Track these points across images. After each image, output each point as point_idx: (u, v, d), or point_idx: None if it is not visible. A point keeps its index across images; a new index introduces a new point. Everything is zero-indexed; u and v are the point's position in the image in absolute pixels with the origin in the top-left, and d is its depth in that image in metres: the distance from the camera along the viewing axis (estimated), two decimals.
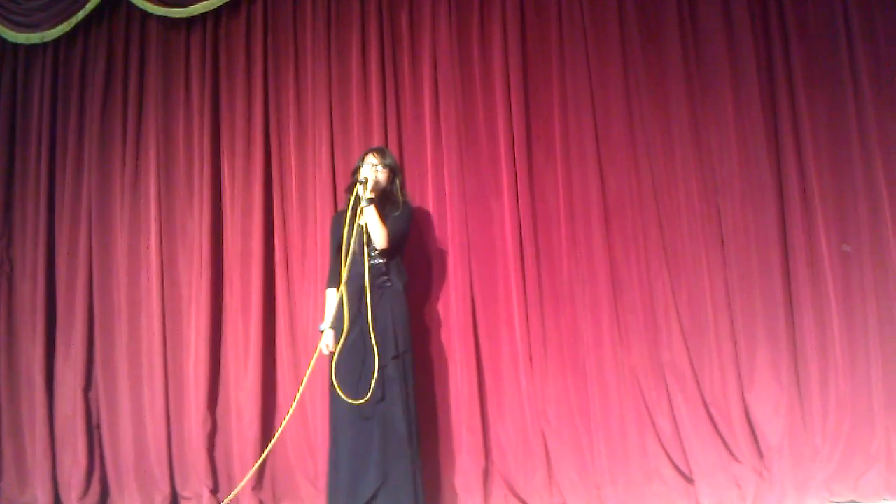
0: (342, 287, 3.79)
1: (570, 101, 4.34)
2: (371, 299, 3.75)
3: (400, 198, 3.97)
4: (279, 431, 4.09)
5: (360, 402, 3.62)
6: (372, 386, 3.62)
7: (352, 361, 3.72)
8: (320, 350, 3.88)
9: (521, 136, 4.35)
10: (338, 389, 3.65)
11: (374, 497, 3.60)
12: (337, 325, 3.81)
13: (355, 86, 4.59)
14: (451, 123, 4.43)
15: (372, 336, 3.68)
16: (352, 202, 3.83)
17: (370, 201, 3.78)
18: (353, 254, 3.80)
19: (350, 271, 3.80)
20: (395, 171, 3.99)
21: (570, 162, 4.31)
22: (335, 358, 3.74)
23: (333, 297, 3.90)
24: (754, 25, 4.15)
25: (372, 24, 4.61)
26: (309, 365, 3.92)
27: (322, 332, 3.89)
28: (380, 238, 3.78)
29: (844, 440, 3.79)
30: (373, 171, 3.86)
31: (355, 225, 3.82)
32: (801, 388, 3.91)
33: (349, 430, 3.69)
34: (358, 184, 3.82)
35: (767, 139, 4.07)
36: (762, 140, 4.06)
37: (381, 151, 4.00)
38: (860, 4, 4.03)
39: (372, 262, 3.83)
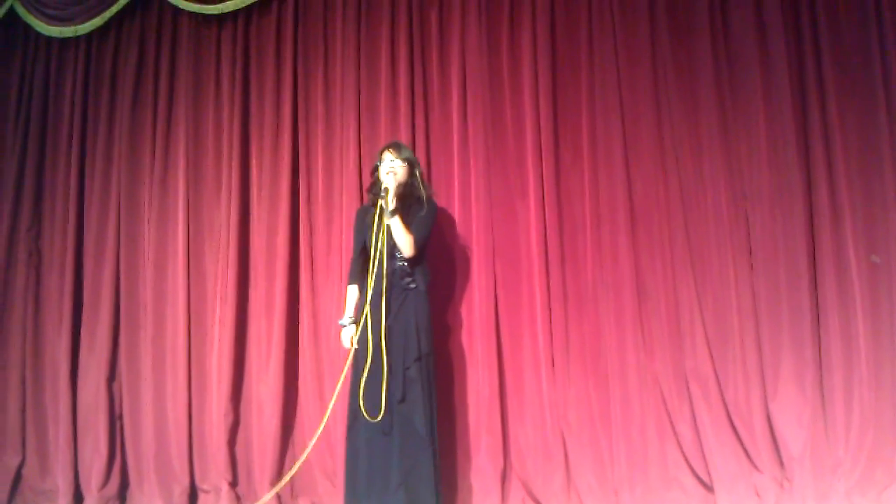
0: (369, 282, 3.76)
1: (599, 103, 4.32)
2: (393, 303, 3.77)
3: (423, 191, 3.94)
4: (311, 445, 3.94)
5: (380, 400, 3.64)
6: (384, 391, 3.63)
7: (374, 362, 3.72)
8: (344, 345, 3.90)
9: (549, 138, 4.34)
10: (360, 388, 3.67)
11: (392, 495, 3.60)
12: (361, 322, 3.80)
13: (384, 85, 4.60)
14: (479, 124, 4.43)
15: (383, 343, 3.69)
16: (377, 214, 3.82)
17: (393, 213, 3.76)
18: (379, 255, 3.79)
19: (375, 273, 3.78)
20: (412, 163, 3.95)
21: (597, 165, 4.29)
22: (364, 358, 3.74)
23: (354, 293, 3.93)
24: (787, 32, 4.10)
25: (401, 24, 4.63)
26: (339, 379, 3.88)
27: (343, 326, 3.90)
28: (406, 247, 3.77)
29: (867, 452, 3.74)
30: (392, 177, 3.81)
31: (382, 229, 3.81)
32: (825, 398, 3.86)
33: (367, 428, 3.69)
34: (379, 199, 3.78)
35: (797, 146, 4.02)
36: (792, 147, 4.02)
37: (397, 146, 3.97)
38: (893, 12, 3.98)
39: (397, 263, 3.82)
